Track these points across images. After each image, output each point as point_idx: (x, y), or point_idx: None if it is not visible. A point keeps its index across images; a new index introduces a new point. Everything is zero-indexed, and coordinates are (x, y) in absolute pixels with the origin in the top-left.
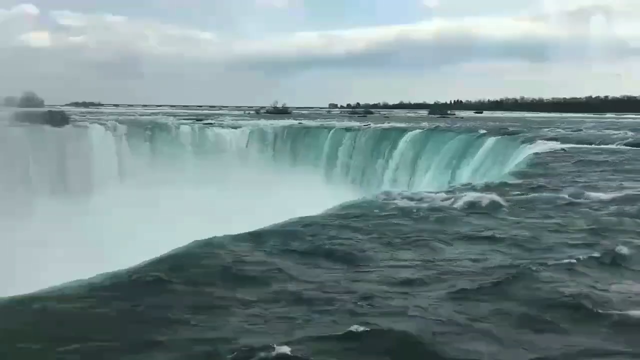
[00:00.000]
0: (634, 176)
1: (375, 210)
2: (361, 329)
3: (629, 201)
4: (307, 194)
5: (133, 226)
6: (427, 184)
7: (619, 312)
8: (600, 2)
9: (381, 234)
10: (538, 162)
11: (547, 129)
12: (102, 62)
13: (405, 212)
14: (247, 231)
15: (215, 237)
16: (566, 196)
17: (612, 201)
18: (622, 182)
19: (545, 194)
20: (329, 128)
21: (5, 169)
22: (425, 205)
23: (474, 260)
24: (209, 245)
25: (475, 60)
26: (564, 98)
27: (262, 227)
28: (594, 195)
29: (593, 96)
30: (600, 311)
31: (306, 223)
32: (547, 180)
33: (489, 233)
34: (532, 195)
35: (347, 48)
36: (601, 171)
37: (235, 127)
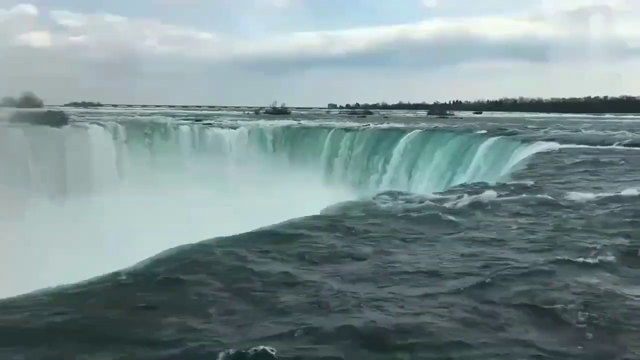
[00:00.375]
0: (626, 176)
1: (362, 212)
2: (312, 327)
3: (610, 202)
4: (306, 195)
5: (133, 226)
6: (426, 184)
7: (575, 313)
8: (599, 2)
9: (365, 234)
10: (533, 164)
11: (543, 130)
12: (101, 62)
13: (393, 214)
14: (245, 232)
15: (211, 238)
16: (550, 197)
17: (598, 202)
18: (615, 183)
19: (531, 196)
20: (328, 128)
21: (4, 169)
22: (412, 206)
23: (433, 261)
24: (204, 247)
25: (474, 60)
26: (563, 98)
27: (260, 228)
28: (580, 196)
29: (592, 96)
30: (551, 310)
31: (296, 225)
32: (537, 182)
33: (461, 234)
34: (517, 197)
35: (347, 48)
36: (593, 172)
37: (234, 128)
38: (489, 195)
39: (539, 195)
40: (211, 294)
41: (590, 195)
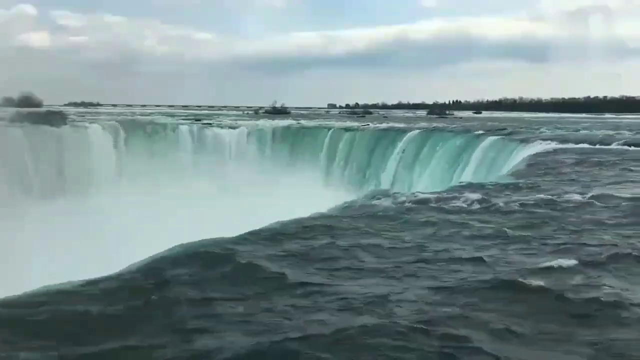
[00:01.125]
0: (613, 178)
1: (353, 212)
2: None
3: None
4: (306, 194)
5: (132, 226)
6: (425, 184)
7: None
8: (599, 2)
9: (356, 235)
10: (529, 165)
11: (540, 130)
12: (101, 62)
13: (386, 214)
14: (244, 232)
15: (210, 238)
16: (523, 198)
17: (586, 203)
18: (599, 185)
19: (518, 197)
20: (328, 128)
21: (3, 169)
22: (394, 206)
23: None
24: (202, 247)
25: (474, 60)
26: (563, 98)
27: (257, 228)
28: (556, 197)
29: (592, 96)
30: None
31: (291, 225)
32: (524, 183)
33: (423, 232)
34: (505, 198)
35: (346, 48)
36: (582, 173)
37: (234, 127)
38: (472, 196)
39: (516, 197)
40: (209, 296)
41: (569, 197)
